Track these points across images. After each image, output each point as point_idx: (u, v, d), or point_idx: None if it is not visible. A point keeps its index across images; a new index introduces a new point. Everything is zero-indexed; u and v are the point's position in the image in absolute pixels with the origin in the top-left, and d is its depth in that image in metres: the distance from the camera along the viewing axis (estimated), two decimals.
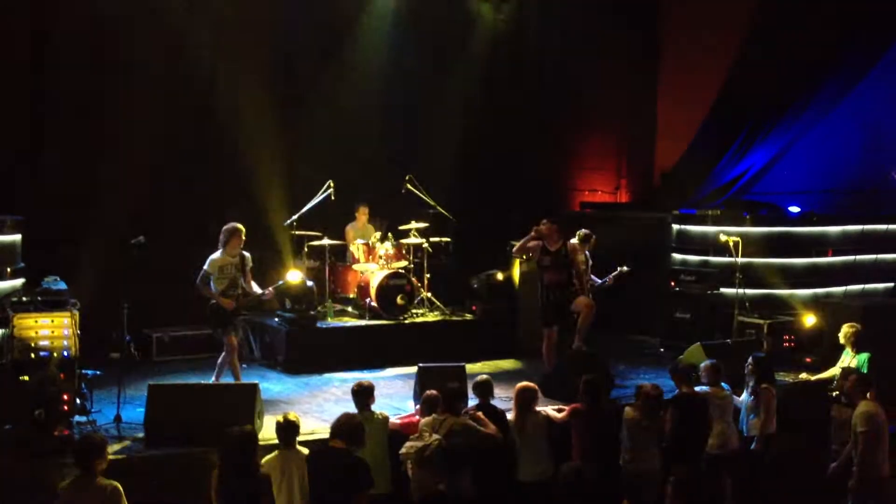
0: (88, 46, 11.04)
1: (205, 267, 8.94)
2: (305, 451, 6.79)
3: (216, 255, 8.98)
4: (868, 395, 7.84)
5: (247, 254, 9.12)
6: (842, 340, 9.11)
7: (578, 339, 9.94)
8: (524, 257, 10.30)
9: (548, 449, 7.65)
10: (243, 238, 9.03)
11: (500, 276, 11.88)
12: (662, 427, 7.89)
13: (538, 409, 7.83)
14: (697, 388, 8.26)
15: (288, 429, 6.78)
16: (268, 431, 8.03)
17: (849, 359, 8.87)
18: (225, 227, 9.04)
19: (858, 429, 7.59)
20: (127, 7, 11.08)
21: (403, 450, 6.97)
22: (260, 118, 11.97)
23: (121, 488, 6.00)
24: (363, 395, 7.41)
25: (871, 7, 12.86)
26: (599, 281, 10.49)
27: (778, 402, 8.67)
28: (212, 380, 9.08)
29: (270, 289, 9.37)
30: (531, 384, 7.87)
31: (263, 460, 6.63)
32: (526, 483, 7.54)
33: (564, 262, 9.90)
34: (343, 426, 6.48)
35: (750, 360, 8.56)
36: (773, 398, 8.46)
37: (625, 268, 10.34)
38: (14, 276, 9.56)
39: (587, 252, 10.46)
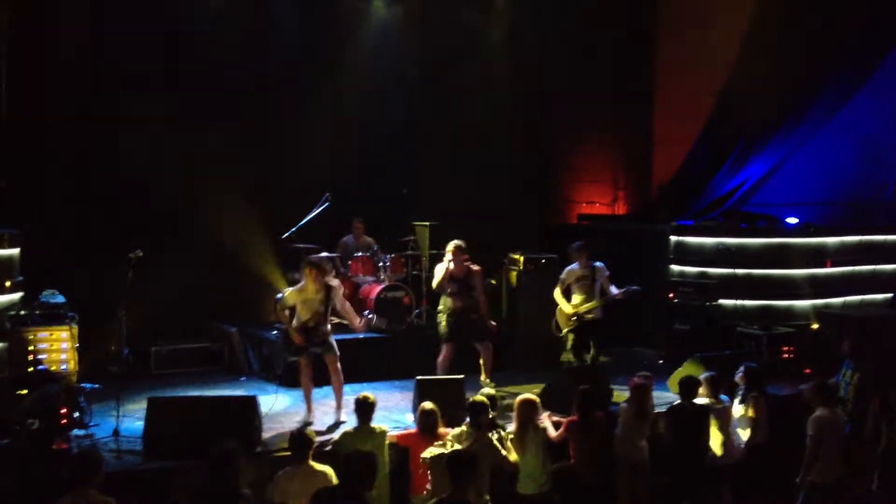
0: (88, 60, 11.07)
1: (281, 295, 8.89)
2: (327, 469, 6.53)
3: (291, 289, 8.84)
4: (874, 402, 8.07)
5: (334, 283, 8.83)
6: (844, 352, 9.10)
7: (486, 375, 9.91)
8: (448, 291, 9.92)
9: (547, 462, 7.63)
10: (321, 274, 8.68)
11: (493, 281, 11.91)
12: (655, 425, 8.07)
13: (539, 422, 7.82)
14: (696, 400, 8.26)
15: (301, 442, 6.62)
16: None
17: (850, 371, 8.85)
18: (306, 261, 8.85)
19: (809, 433, 7.79)
20: (126, 17, 11.12)
21: (426, 454, 6.96)
22: (256, 131, 12.01)
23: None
24: (367, 408, 7.39)
25: (865, 21, 12.91)
26: (612, 292, 10.41)
27: (776, 413, 8.68)
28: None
29: (363, 322, 9.32)
30: (532, 397, 7.86)
31: (275, 476, 6.51)
32: (525, 496, 7.52)
33: (468, 288, 9.76)
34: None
35: (740, 369, 8.60)
36: (763, 408, 8.48)
37: (636, 287, 10.23)
38: (13, 289, 9.56)
39: (594, 264, 10.26)
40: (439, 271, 9.83)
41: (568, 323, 10.18)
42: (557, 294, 10.32)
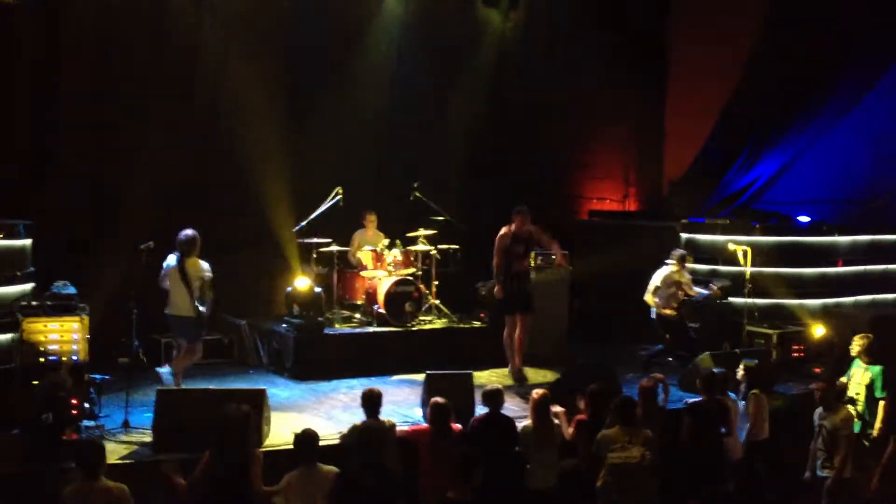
0: (97, 55, 11.09)
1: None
2: (333, 469, 6.64)
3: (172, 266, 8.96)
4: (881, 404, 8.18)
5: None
6: (854, 352, 9.06)
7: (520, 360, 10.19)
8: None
9: (557, 457, 7.62)
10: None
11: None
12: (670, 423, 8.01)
13: (554, 419, 7.81)
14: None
15: (305, 442, 6.67)
16: (274, 437, 8.09)
17: (860, 371, 8.82)
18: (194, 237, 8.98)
19: (843, 432, 7.90)
20: (136, 17, 11.15)
21: (617, 460, 6.90)
22: (269, 125, 12.00)
23: (127, 490, 6.00)
24: (374, 402, 7.41)
25: (877, 19, 12.85)
26: (702, 293, 10.96)
27: (784, 412, 8.67)
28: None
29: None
30: (546, 392, 7.84)
31: (284, 478, 6.57)
32: (534, 490, 7.51)
33: (528, 249, 10.24)
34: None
35: (741, 367, 8.59)
36: (763, 405, 8.47)
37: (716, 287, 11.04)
38: (24, 280, 9.59)
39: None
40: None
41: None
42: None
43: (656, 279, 10.87)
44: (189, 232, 8.88)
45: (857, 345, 8.99)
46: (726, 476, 8.18)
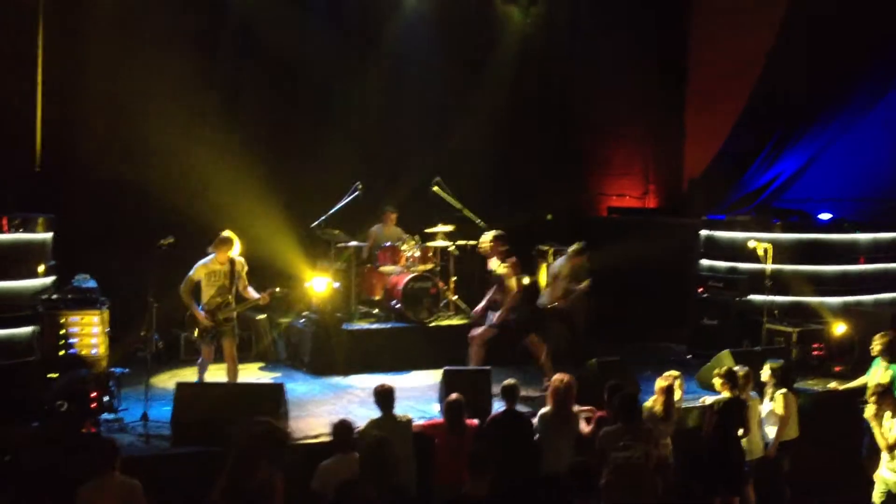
0: (117, 46, 11.16)
1: (190, 273, 8.90)
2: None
3: (204, 261, 8.95)
4: None
5: (239, 259, 9.05)
6: (875, 351, 8.98)
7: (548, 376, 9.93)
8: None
9: (573, 446, 7.58)
10: (233, 246, 8.97)
11: (526, 280, 11.84)
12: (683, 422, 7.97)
13: (574, 409, 7.75)
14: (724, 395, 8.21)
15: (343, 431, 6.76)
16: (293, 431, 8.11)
17: (881, 370, 8.74)
18: (219, 237, 9.01)
19: None
20: (156, 12, 11.21)
21: (619, 458, 6.81)
22: (288, 119, 12.05)
23: (140, 486, 6.03)
24: (387, 397, 7.42)
25: None
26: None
27: (805, 411, 8.61)
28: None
29: (265, 294, 9.22)
30: (571, 378, 7.75)
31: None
32: (547, 476, 7.48)
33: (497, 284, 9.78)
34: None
35: (766, 366, 8.52)
36: (792, 405, 8.40)
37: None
38: (45, 274, 9.66)
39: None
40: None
41: None
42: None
43: (554, 269, 10.48)
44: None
45: (877, 343, 8.91)
46: (746, 475, 8.16)
